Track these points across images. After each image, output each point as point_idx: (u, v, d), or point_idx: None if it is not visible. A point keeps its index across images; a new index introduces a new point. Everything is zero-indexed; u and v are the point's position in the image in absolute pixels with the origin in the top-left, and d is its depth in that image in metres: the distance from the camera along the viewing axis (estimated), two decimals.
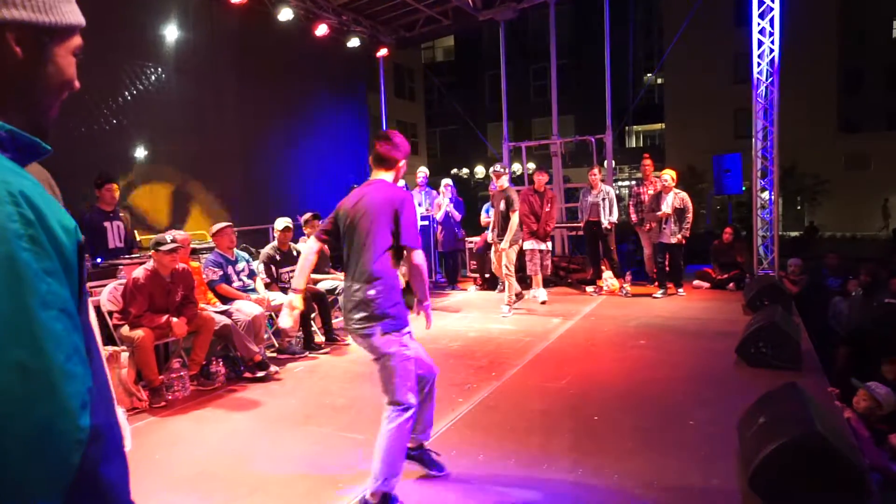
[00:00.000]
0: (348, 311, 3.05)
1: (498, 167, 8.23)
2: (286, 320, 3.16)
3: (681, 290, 8.92)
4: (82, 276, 0.80)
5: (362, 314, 2.98)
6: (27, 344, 0.67)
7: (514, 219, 7.76)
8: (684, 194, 8.75)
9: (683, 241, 8.70)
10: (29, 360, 0.67)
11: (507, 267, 7.95)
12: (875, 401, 4.16)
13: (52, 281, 0.71)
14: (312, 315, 6.60)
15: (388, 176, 3.24)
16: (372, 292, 2.96)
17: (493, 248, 8.39)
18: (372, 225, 3.03)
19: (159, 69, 8.14)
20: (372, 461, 3.00)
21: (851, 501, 2.79)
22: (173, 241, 5.07)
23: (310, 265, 3.30)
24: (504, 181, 8.00)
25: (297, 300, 3.19)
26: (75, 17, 0.86)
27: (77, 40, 0.88)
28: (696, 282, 9.61)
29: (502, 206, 7.88)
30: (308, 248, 3.32)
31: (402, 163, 3.28)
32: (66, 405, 0.69)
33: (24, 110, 0.84)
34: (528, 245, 8.52)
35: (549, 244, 8.76)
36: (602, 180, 9.12)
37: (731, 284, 9.32)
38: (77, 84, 0.90)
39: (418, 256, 3.08)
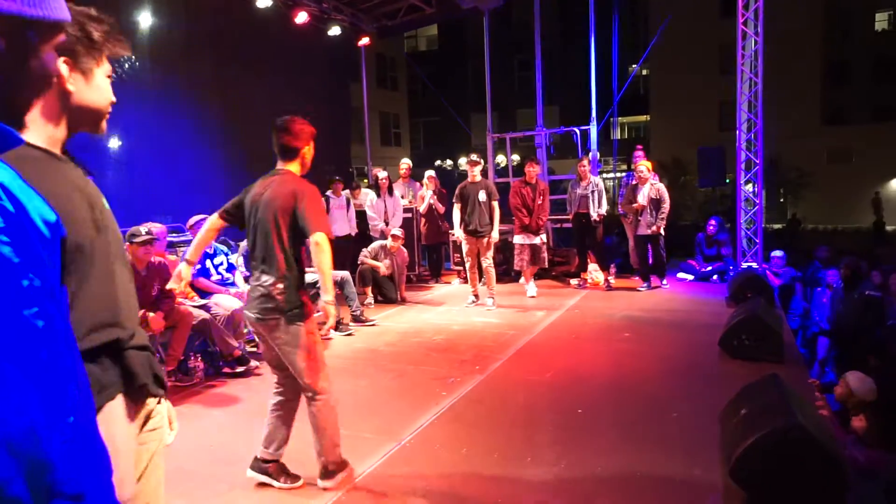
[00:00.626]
0: (254, 298, 3.13)
1: (474, 156, 8.19)
2: (172, 285, 3.19)
3: (664, 282, 8.99)
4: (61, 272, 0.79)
5: (269, 305, 3.07)
6: (8, 341, 0.66)
7: (497, 207, 7.80)
8: (661, 185, 8.79)
9: (660, 232, 8.73)
10: (10, 357, 0.66)
11: (490, 258, 7.93)
12: (848, 388, 4.25)
13: (33, 276, 0.70)
14: None
15: (293, 166, 3.26)
16: (281, 286, 3.06)
17: (465, 243, 8.05)
18: (278, 219, 3.07)
19: (132, 57, 8.05)
20: (315, 443, 3.20)
21: (830, 491, 2.85)
22: (148, 232, 5.00)
23: (205, 240, 3.40)
24: (479, 172, 7.94)
25: (185, 271, 3.23)
26: (62, 12, 0.85)
27: (62, 36, 0.87)
28: (679, 274, 9.70)
29: (482, 196, 7.79)
30: (209, 222, 3.40)
31: (307, 149, 3.29)
32: (51, 401, 0.69)
33: (4, 104, 0.82)
34: (519, 239, 8.51)
35: (543, 237, 8.67)
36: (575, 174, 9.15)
37: (714, 277, 9.43)
38: (64, 81, 0.89)
39: (319, 238, 3.04)
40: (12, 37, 0.79)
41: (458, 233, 8.16)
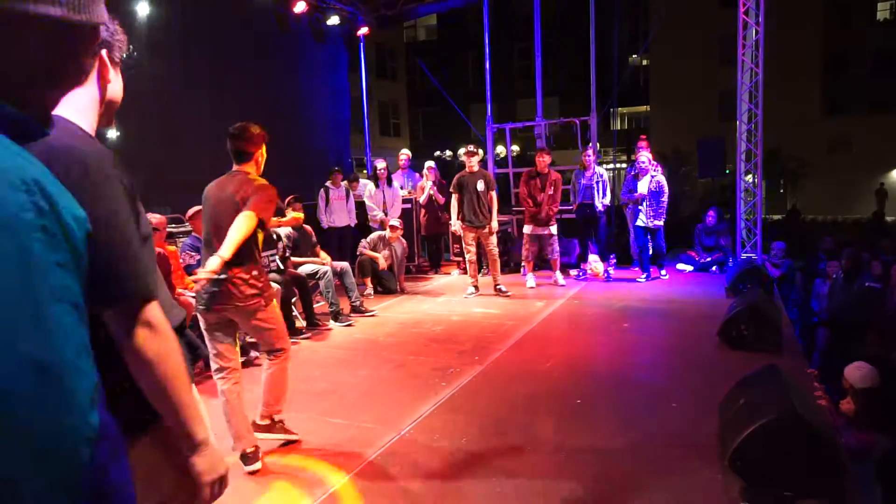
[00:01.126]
0: (222, 288, 3.35)
1: (471, 147, 8.17)
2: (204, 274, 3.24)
3: (664, 272, 9.00)
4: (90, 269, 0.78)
5: (251, 291, 3.40)
6: (37, 338, 0.65)
7: (495, 197, 7.86)
8: (661, 177, 8.79)
9: (659, 224, 8.74)
10: (39, 354, 0.65)
11: (496, 248, 7.99)
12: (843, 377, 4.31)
13: (63, 273, 0.69)
14: (293, 300, 6.59)
15: (248, 167, 3.54)
16: (255, 272, 3.43)
17: (464, 233, 8.10)
18: (231, 218, 3.32)
19: (130, 46, 7.99)
20: (263, 395, 3.65)
21: (828, 480, 2.87)
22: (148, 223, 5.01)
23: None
24: (476, 162, 7.95)
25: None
26: (103, 15, 0.86)
27: (99, 37, 0.88)
28: (679, 265, 9.72)
29: (480, 185, 7.82)
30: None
31: (260, 152, 3.60)
32: (76, 402, 0.68)
33: (37, 101, 0.82)
34: (527, 230, 8.53)
35: (554, 228, 8.45)
36: (579, 165, 9.12)
37: (713, 267, 9.44)
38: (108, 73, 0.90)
39: (248, 213, 3.29)
40: (57, 40, 0.80)
41: (455, 224, 8.18)
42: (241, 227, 3.24)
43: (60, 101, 0.88)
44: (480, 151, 8.34)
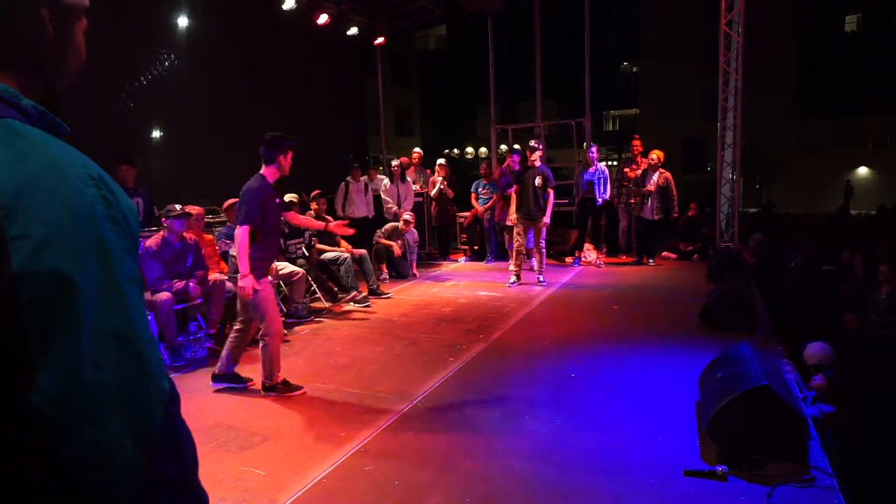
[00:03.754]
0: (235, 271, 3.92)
1: (533, 142, 7.70)
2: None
3: (651, 260, 8.99)
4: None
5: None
6: (119, 315, 0.67)
7: (552, 195, 7.47)
8: (668, 174, 8.75)
9: (675, 215, 8.72)
10: (124, 331, 0.67)
11: (544, 241, 7.62)
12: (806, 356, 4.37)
13: (129, 258, 0.71)
14: (319, 283, 6.63)
15: (269, 169, 3.93)
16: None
17: (514, 227, 7.68)
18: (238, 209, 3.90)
19: (172, 55, 8.02)
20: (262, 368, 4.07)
21: (794, 444, 2.90)
22: (181, 208, 5.07)
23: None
24: (538, 157, 7.52)
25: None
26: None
27: (84, 21, 0.86)
28: (664, 253, 9.70)
29: (538, 181, 7.38)
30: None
31: (283, 157, 3.94)
32: (150, 370, 0.69)
33: (47, 87, 0.81)
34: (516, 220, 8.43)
35: (545, 219, 7.78)
36: (579, 161, 9.07)
37: (695, 256, 9.42)
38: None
39: (239, 231, 3.84)
40: (58, 22, 0.79)
41: (513, 215, 7.73)
42: (238, 243, 3.87)
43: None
44: (541, 147, 7.89)
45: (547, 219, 7.50)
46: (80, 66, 0.87)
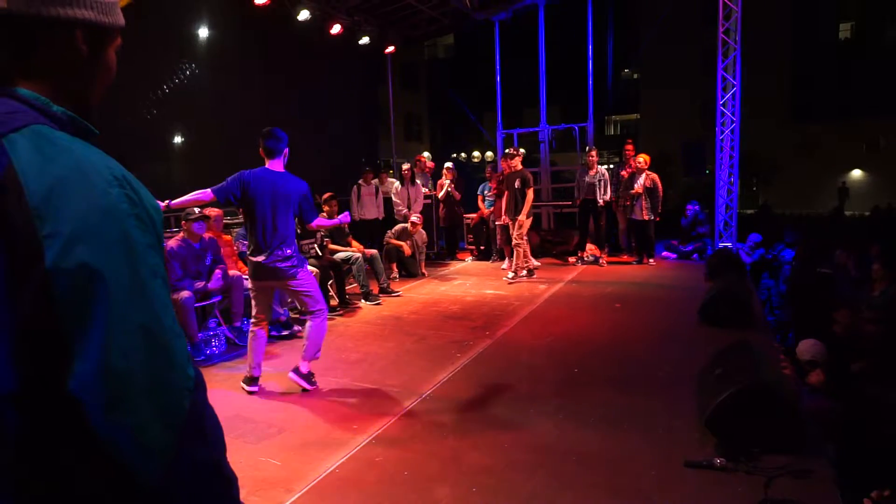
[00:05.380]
0: (280, 260, 3.78)
1: (512, 150, 7.99)
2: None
3: (651, 260, 8.95)
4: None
5: (289, 263, 3.82)
6: (145, 308, 0.68)
7: (531, 195, 7.64)
8: (654, 176, 8.71)
9: (657, 219, 8.70)
10: (150, 323, 0.68)
11: (520, 237, 7.82)
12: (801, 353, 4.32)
13: (153, 253, 0.72)
14: (329, 282, 6.64)
15: (277, 163, 3.83)
16: (291, 248, 3.83)
17: (498, 225, 8.09)
18: (289, 207, 3.81)
19: (193, 65, 8.06)
20: (304, 348, 3.96)
21: (790, 438, 2.88)
22: (200, 211, 5.10)
23: (192, 200, 3.92)
24: (518, 162, 7.76)
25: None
26: (122, 19, 0.86)
27: (119, 41, 0.88)
28: (664, 253, 9.65)
29: (517, 184, 7.61)
30: (204, 192, 3.87)
31: (286, 150, 3.86)
32: (177, 360, 0.71)
33: (79, 102, 0.83)
34: (499, 222, 8.58)
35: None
36: (583, 164, 9.03)
37: (694, 255, 9.36)
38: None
39: (321, 219, 4.11)
40: (91, 43, 0.81)
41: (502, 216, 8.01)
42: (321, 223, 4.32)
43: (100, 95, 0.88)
44: (522, 151, 8.27)
45: (522, 216, 7.63)
46: (110, 83, 0.89)
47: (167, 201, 3.66)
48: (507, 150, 8.05)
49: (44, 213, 0.65)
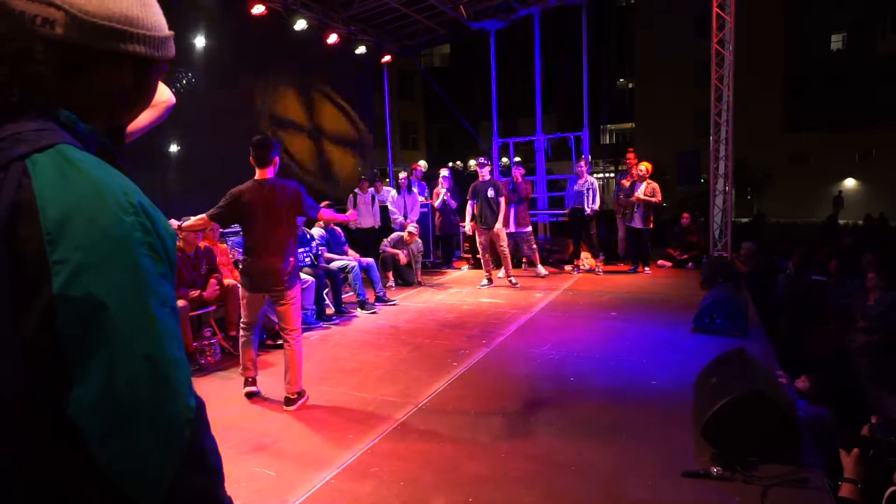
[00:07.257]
0: (274, 271, 3.76)
1: (482, 159, 8.22)
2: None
3: (647, 268, 8.96)
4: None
5: (283, 275, 3.78)
6: (150, 338, 0.68)
7: (504, 203, 7.87)
8: (655, 184, 8.75)
9: (649, 226, 8.75)
10: (154, 353, 0.68)
11: (506, 246, 8.00)
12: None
13: (164, 282, 0.72)
14: (325, 290, 6.62)
15: (269, 171, 3.80)
16: (286, 261, 3.79)
17: (477, 234, 8.14)
18: (283, 217, 3.77)
19: (189, 74, 8.07)
20: (288, 374, 3.88)
21: (786, 446, 2.87)
22: (195, 219, 5.09)
23: (196, 223, 4.06)
24: (487, 172, 7.97)
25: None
26: (172, 51, 0.87)
27: (166, 70, 0.89)
28: (659, 261, 9.67)
29: (491, 192, 7.86)
30: (198, 217, 3.98)
31: (276, 159, 3.84)
32: (179, 390, 0.70)
33: (112, 123, 0.84)
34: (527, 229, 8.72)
35: (498, 227, 8.00)
36: (575, 174, 9.08)
37: (690, 264, 9.39)
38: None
39: (322, 211, 4.07)
40: (139, 74, 0.82)
41: (467, 225, 8.22)
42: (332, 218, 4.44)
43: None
44: (490, 163, 8.42)
45: (499, 224, 7.78)
46: (147, 107, 0.90)
47: (179, 223, 3.70)
48: (479, 160, 8.25)
49: (56, 238, 0.65)
